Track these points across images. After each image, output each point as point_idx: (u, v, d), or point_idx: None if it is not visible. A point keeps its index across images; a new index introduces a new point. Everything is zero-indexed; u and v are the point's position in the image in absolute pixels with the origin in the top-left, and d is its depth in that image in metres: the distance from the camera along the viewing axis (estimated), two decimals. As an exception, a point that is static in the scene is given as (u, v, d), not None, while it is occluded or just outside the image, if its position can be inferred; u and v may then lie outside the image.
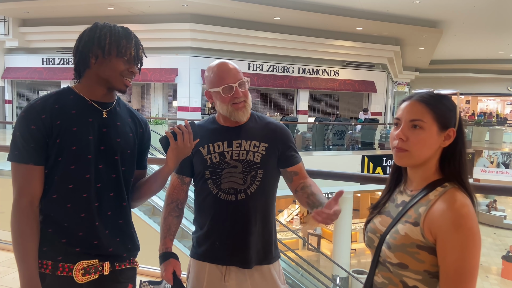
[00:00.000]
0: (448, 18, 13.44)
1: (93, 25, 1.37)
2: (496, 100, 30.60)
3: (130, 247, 1.46)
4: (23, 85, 16.23)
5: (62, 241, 1.31)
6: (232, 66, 1.63)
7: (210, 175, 1.61)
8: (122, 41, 1.34)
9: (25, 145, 1.29)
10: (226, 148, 1.61)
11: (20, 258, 1.28)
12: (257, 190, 1.59)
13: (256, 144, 1.61)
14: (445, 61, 22.72)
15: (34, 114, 1.30)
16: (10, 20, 14.27)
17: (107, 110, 1.40)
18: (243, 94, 1.60)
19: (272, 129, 1.67)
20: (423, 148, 1.10)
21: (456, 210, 1.00)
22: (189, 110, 13.49)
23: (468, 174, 1.11)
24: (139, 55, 1.39)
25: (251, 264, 1.60)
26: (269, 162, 1.62)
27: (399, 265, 1.08)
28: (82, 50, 1.36)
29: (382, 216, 1.21)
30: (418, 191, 1.13)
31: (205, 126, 1.69)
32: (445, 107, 1.11)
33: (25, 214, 1.29)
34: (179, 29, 12.92)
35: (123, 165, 1.42)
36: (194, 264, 1.67)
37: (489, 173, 13.89)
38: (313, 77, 15.41)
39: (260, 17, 13.14)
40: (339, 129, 11.93)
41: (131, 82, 1.41)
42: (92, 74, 1.37)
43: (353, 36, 14.68)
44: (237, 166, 1.59)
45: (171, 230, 1.68)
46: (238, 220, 1.59)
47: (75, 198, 1.33)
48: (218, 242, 1.60)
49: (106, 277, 1.37)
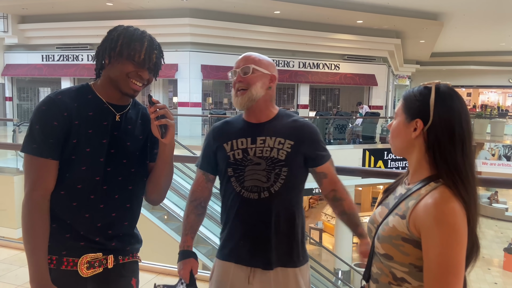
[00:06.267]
0: (449, 10, 13.36)
1: (114, 28, 1.37)
2: (498, 92, 30.53)
3: (132, 241, 1.47)
4: (23, 82, 16.22)
5: (66, 236, 1.33)
6: (248, 54, 1.61)
7: (233, 172, 1.57)
8: (134, 44, 1.32)
9: (45, 140, 1.28)
10: (249, 144, 1.57)
11: (31, 251, 1.28)
12: (281, 189, 1.54)
13: (281, 141, 1.56)
14: (446, 54, 22.62)
15: (57, 110, 1.29)
16: (9, 17, 14.23)
17: (120, 113, 1.40)
18: (245, 81, 1.56)
19: (299, 126, 1.61)
20: (394, 138, 1.16)
21: (439, 206, 1.00)
22: (190, 106, 13.47)
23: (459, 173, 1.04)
24: (151, 59, 1.35)
25: (273, 266, 1.54)
26: (294, 160, 1.56)
27: (385, 256, 1.10)
28: (98, 51, 1.37)
29: (382, 207, 1.22)
30: (414, 184, 1.12)
31: (231, 122, 1.67)
32: (414, 98, 1.10)
33: (38, 207, 1.29)
34: (178, 24, 12.88)
35: (132, 167, 1.42)
36: (219, 264, 1.64)
37: (491, 166, 13.90)
38: (313, 71, 15.36)
39: (260, 11, 13.08)
40: (340, 123, 11.92)
41: (140, 86, 1.37)
42: (105, 76, 1.38)
43: (353, 29, 14.61)
44: (260, 163, 1.55)
45: (193, 228, 1.67)
46: (261, 219, 1.54)
47: (82, 198, 1.34)
48: (242, 241, 1.56)
49: (110, 270, 1.39)
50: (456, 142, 1.05)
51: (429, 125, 1.07)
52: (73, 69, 14.69)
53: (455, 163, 1.05)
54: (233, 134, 1.60)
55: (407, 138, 1.11)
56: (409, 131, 1.10)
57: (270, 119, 1.61)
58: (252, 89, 1.56)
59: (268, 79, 1.60)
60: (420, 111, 1.08)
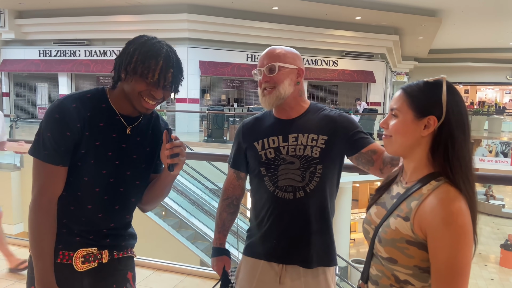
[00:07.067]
0: (447, 6, 13.35)
1: (135, 38, 1.33)
2: (495, 89, 30.57)
3: (127, 237, 1.48)
4: (20, 77, 16.16)
5: (63, 231, 1.33)
6: (271, 50, 1.53)
7: (266, 171, 1.52)
8: (148, 62, 1.26)
9: (56, 148, 1.27)
10: (281, 143, 1.51)
11: (38, 255, 1.30)
12: (316, 187, 1.49)
13: (314, 137, 1.49)
14: (444, 51, 22.62)
15: (71, 119, 1.27)
16: (6, 12, 14.15)
17: (131, 126, 1.38)
18: (271, 80, 1.49)
19: (331, 118, 1.53)
20: (399, 136, 1.09)
21: (446, 206, 0.97)
22: (188, 102, 13.44)
23: (466, 169, 1.03)
24: (167, 78, 1.28)
25: (312, 264, 1.52)
26: (329, 156, 1.50)
27: (389, 259, 1.07)
28: (116, 62, 1.33)
29: (378, 207, 1.18)
30: (412, 183, 1.09)
31: (261, 119, 1.62)
32: (424, 94, 1.07)
33: (45, 212, 1.29)
34: (176, 19, 12.83)
35: (136, 180, 1.41)
36: (246, 261, 1.61)
37: (488, 162, 13.91)
38: (311, 67, 15.34)
39: (258, 7, 13.04)
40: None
41: (153, 104, 1.32)
42: (121, 88, 1.34)
43: (351, 25, 14.58)
44: (294, 162, 1.49)
45: (225, 225, 1.67)
46: (298, 219, 1.50)
47: (80, 206, 1.34)
48: (276, 241, 1.53)
49: (105, 265, 1.39)
50: (467, 137, 1.05)
51: (441, 121, 1.04)
52: (70, 64, 14.63)
53: (464, 159, 1.03)
54: (264, 132, 1.55)
55: (416, 136, 1.07)
56: (419, 128, 1.06)
57: (301, 114, 1.55)
58: (280, 87, 1.48)
59: (296, 74, 1.52)
60: (433, 107, 1.04)
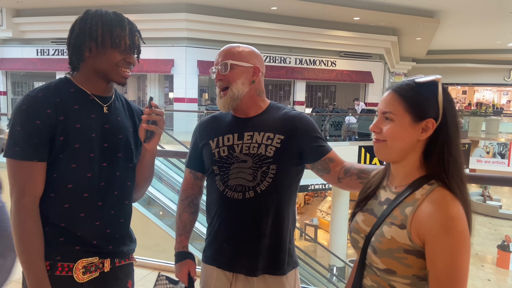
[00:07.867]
0: (445, 8, 13.37)
1: (84, 14, 1.28)
2: (493, 90, 30.64)
3: (128, 242, 1.42)
4: (17, 76, 16.09)
5: (60, 240, 1.25)
6: (227, 48, 1.47)
7: (218, 170, 1.46)
8: (116, 30, 1.24)
9: (28, 141, 1.18)
10: (236, 141, 1.45)
11: (28, 261, 1.19)
12: (268, 188, 1.40)
13: (271, 136, 1.43)
14: (442, 51, 22.66)
15: (38, 108, 1.20)
16: (4, 10, 14.08)
17: (107, 105, 1.33)
18: (224, 78, 1.43)
19: (291, 118, 1.46)
20: (397, 141, 1.03)
21: (445, 212, 0.94)
22: (186, 101, 13.42)
23: (459, 172, 1.00)
24: (135, 42, 1.29)
25: (257, 272, 1.42)
26: (285, 156, 1.42)
27: (386, 270, 1.01)
28: (74, 43, 1.27)
29: (365, 214, 1.12)
30: (403, 188, 1.04)
31: (219, 118, 1.56)
32: (420, 97, 1.01)
33: (30, 214, 1.19)
34: (174, 19, 12.79)
35: (129, 162, 1.37)
36: (203, 268, 1.55)
37: (485, 163, 13.96)
38: (310, 67, 15.35)
39: (257, 7, 13.03)
40: (336, 120, 11.93)
41: (129, 73, 1.33)
42: (88, 67, 1.29)
43: (350, 26, 14.59)
44: (247, 160, 1.42)
45: (186, 227, 1.58)
46: (245, 221, 1.42)
47: (75, 198, 1.26)
48: (225, 244, 1.45)
49: (107, 274, 1.32)
50: (460, 138, 1.02)
51: (438, 123, 1.00)
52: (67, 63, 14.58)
53: (458, 161, 1.00)
54: (220, 130, 1.49)
55: (412, 140, 1.02)
56: (417, 132, 1.01)
57: (259, 113, 1.49)
58: (233, 87, 1.43)
59: (251, 73, 1.45)
60: (431, 110, 1.00)
